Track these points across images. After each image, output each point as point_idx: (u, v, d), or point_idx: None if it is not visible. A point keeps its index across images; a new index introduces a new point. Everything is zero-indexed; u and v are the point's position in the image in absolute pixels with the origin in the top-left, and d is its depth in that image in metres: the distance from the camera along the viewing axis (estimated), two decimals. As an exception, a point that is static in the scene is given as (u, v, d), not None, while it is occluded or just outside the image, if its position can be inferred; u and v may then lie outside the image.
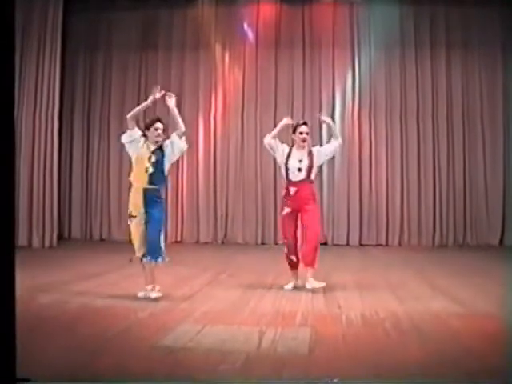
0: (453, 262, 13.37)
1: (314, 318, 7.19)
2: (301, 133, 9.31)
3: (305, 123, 9.52)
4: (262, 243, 16.82)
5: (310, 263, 9.15)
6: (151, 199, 8.43)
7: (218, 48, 17.35)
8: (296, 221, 9.32)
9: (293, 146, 9.46)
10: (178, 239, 17.04)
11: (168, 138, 8.76)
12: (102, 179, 17.46)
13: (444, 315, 7.39)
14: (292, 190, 9.25)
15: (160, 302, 8.06)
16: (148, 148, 8.59)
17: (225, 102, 17.31)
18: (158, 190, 8.52)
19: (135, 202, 8.48)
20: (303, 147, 9.35)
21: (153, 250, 8.38)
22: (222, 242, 16.92)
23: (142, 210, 8.42)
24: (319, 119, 10.15)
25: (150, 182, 8.44)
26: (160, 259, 8.41)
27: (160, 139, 8.65)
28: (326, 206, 16.70)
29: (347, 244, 16.33)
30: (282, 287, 9.37)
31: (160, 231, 8.49)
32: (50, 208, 15.33)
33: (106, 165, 17.46)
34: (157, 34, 17.37)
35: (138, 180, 8.51)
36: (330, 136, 9.93)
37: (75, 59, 17.38)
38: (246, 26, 17.28)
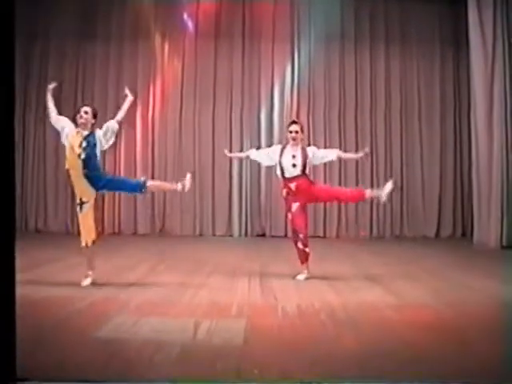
0: (389, 253, 13.52)
1: (249, 309, 7.17)
2: (290, 131, 9.57)
3: (294, 122, 9.95)
4: (200, 235, 16.82)
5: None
6: (96, 183, 8.57)
7: (157, 40, 17.23)
8: (306, 213, 9.73)
9: (287, 143, 9.67)
10: (116, 230, 16.93)
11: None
12: (38, 170, 17.18)
13: (380, 306, 7.44)
14: (292, 185, 9.47)
15: (96, 293, 7.99)
16: (80, 134, 8.67)
17: (163, 93, 17.21)
18: (97, 175, 8.62)
19: (81, 188, 8.57)
20: (295, 145, 9.54)
21: None
22: (160, 234, 16.85)
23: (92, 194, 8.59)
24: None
25: (85, 168, 8.49)
26: None
27: (84, 121, 8.76)
28: (264, 197, 16.74)
29: (285, 236, 16.30)
30: (293, 278, 9.55)
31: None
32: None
33: (42, 155, 17.18)
34: (95, 23, 17.13)
35: (73, 167, 8.56)
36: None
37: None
38: (185, 17, 17.17)
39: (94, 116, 8.91)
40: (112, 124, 8.89)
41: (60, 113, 16.85)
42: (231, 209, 16.92)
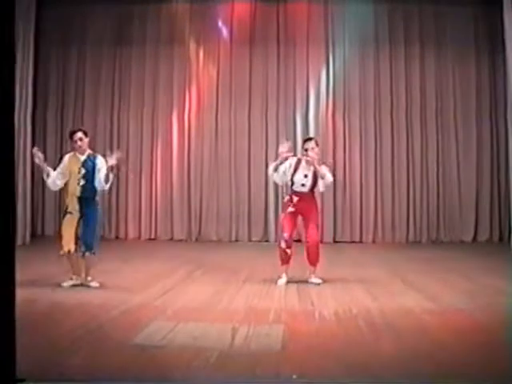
0: (426, 258, 13.37)
1: (287, 315, 7.19)
2: (306, 149, 9.68)
3: (310, 139, 10.03)
4: (236, 240, 16.79)
5: (315, 263, 9.84)
6: (86, 203, 9.09)
7: (192, 44, 17.24)
8: (296, 220, 9.88)
9: (301, 159, 9.79)
10: (152, 236, 16.98)
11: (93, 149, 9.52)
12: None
13: (417, 311, 7.44)
14: (295, 198, 9.73)
15: (133, 299, 8.04)
16: (77, 160, 9.15)
17: (199, 99, 17.23)
18: (92, 197, 9.17)
19: (72, 204, 9.10)
20: (310, 162, 9.64)
21: (89, 245, 9.07)
22: (196, 240, 16.83)
23: (77, 209, 9.05)
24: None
25: (83, 192, 9.05)
26: (93, 251, 9.13)
27: (81, 148, 9.16)
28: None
29: (321, 241, 16.17)
30: (275, 282, 9.60)
31: (95, 229, 9.22)
32: (23, 206, 15.19)
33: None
34: (131, 28, 17.20)
35: (72, 189, 9.10)
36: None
37: (48, 54, 17.17)
38: (220, 22, 17.19)
39: (86, 135, 9.31)
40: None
41: (96, 114, 17.10)
42: (267, 214, 16.86)
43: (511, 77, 14.43)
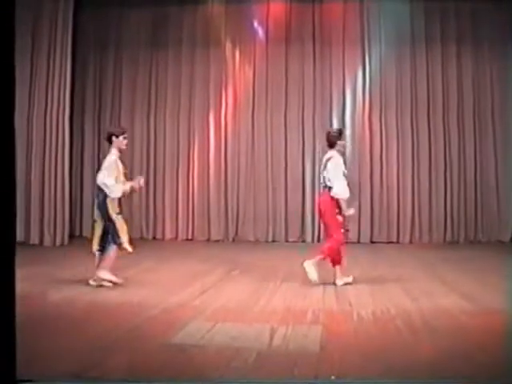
0: (464, 258, 13.28)
1: (325, 316, 7.19)
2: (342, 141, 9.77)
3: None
4: (273, 241, 16.76)
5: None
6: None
7: (228, 45, 17.27)
8: None
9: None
10: (190, 237, 17.02)
11: None
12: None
13: (455, 312, 7.40)
14: None
15: (171, 299, 8.09)
16: (121, 162, 9.40)
17: (235, 100, 17.26)
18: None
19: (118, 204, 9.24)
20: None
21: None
22: (233, 240, 16.85)
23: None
24: None
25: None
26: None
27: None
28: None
29: (358, 241, 16.18)
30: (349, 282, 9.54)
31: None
32: (62, 207, 15.30)
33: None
34: (167, 30, 17.29)
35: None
36: None
37: (86, 57, 17.31)
38: (256, 23, 17.19)
39: None
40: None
41: (133, 115, 17.27)
42: (304, 214, 16.82)
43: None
